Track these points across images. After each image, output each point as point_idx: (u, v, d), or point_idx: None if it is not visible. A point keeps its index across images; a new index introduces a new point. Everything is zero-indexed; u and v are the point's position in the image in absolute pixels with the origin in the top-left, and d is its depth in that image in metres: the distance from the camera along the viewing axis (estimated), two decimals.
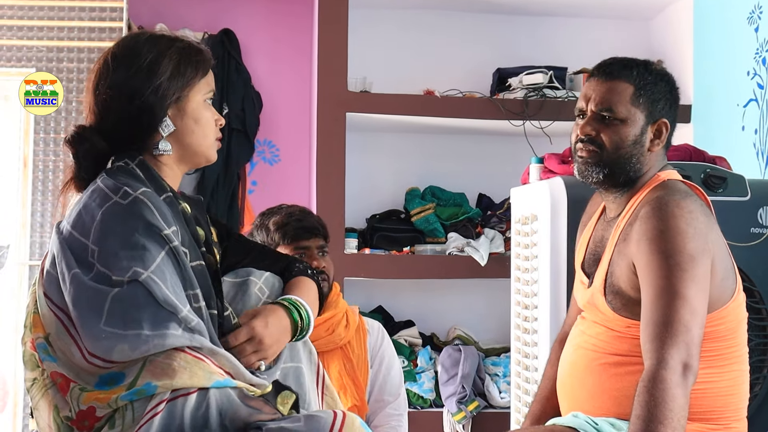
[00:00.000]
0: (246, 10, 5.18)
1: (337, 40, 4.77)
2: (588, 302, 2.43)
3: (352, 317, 3.10)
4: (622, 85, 2.38)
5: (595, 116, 2.39)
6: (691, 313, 2.14)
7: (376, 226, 4.96)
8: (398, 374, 3.21)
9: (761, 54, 4.27)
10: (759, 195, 3.26)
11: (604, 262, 2.38)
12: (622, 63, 2.42)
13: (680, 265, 2.17)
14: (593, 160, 2.39)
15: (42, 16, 4.43)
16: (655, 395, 2.05)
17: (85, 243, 1.85)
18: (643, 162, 2.40)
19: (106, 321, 1.78)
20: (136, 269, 1.80)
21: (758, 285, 3.16)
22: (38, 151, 4.42)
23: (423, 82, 5.03)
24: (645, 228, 2.24)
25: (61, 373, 1.84)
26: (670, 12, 5.19)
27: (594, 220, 2.56)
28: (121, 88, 1.94)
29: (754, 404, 3.09)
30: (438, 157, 5.27)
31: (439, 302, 5.23)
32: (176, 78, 1.97)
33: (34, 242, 4.38)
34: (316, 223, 3.04)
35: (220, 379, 1.82)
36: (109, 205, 1.86)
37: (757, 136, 4.26)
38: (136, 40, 2.00)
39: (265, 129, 5.20)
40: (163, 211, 1.89)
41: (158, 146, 1.98)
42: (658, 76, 2.41)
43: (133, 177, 1.93)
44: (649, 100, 2.38)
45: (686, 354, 2.10)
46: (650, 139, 2.40)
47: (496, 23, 5.32)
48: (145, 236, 1.83)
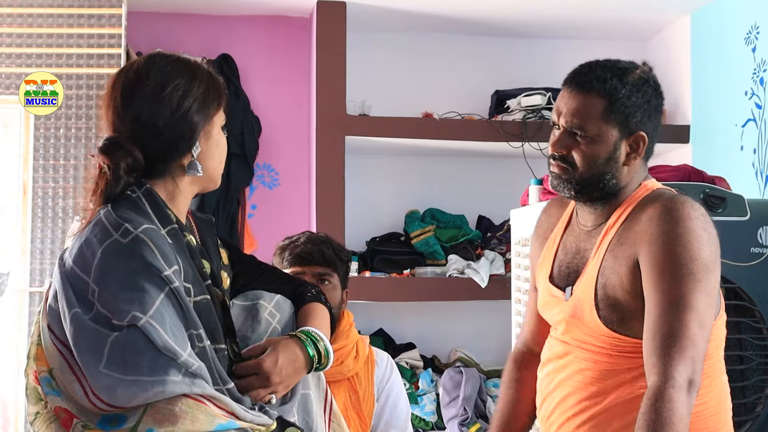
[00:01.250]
0: (244, 34, 5.19)
1: (335, 64, 4.79)
2: (570, 317, 2.32)
3: (362, 348, 3.08)
4: (593, 100, 2.24)
5: (567, 132, 2.28)
6: (700, 326, 2.08)
7: (376, 249, 4.96)
8: (405, 407, 3.20)
9: (759, 74, 4.28)
10: (758, 215, 3.26)
11: (590, 273, 2.27)
12: (595, 74, 2.26)
13: (695, 274, 2.10)
14: (565, 177, 2.29)
15: (41, 44, 4.45)
16: (662, 414, 1.99)
17: (86, 280, 1.83)
18: (619, 177, 2.27)
19: (106, 364, 1.76)
20: (134, 313, 1.77)
21: (758, 305, 3.16)
22: (38, 178, 4.43)
23: (422, 105, 5.04)
24: (658, 229, 2.15)
25: (65, 408, 1.83)
26: (668, 33, 5.21)
27: (560, 230, 2.45)
28: (153, 118, 1.92)
29: (756, 425, 3.08)
30: (437, 179, 5.28)
31: (440, 324, 5.22)
32: (207, 101, 1.96)
33: (34, 269, 4.38)
34: (316, 250, 3.02)
35: (223, 422, 1.80)
36: (109, 243, 1.83)
37: (756, 155, 4.27)
38: (162, 67, 1.96)
39: (264, 153, 5.21)
40: (164, 249, 1.86)
41: (194, 168, 1.95)
42: (635, 86, 2.26)
43: (136, 209, 1.90)
44: (622, 115, 2.24)
45: (692, 370, 2.04)
46: (626, 153, 2.27)
47: (494, 45, 5.34)
48: (144, 278, 1.81)
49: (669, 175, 3.39)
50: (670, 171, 3.43)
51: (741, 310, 3.17)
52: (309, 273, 2.98)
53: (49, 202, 4.42)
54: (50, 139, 4.44)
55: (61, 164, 4.44)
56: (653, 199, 2.25)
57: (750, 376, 3.14)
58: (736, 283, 3.14)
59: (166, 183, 1.96)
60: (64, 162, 4.43)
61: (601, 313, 2.23)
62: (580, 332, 2.29)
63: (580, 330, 2.29)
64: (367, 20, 5.02)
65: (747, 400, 3.12)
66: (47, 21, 4.47)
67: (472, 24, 5.14)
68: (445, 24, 5.16)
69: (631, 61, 2.36)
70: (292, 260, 2.99)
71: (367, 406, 3.06)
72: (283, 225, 4.90)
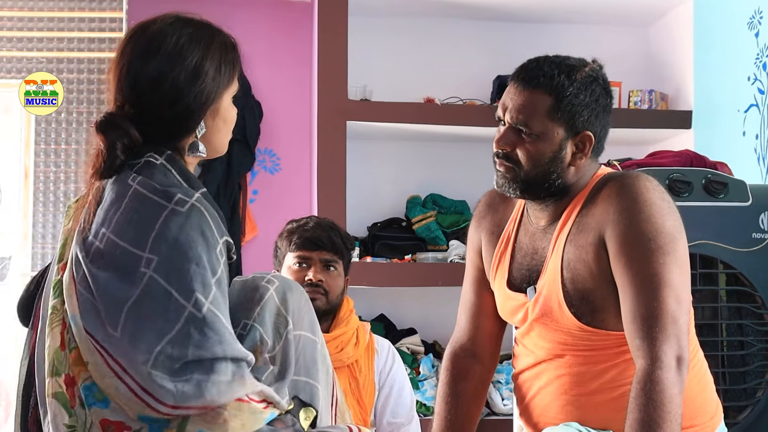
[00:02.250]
0: (245, 18, 5.18)
1: (336, 49, 4.77)
2: (539, 316, 2.24)
3: (363, 335, 3.08)
4: (539, 96, 2.18)
5: (512, 129, 2.22)
6: (677, 302, 2.06)
7: (377, 235, 4.96)
8: (410, 396, 3.19)
9: (762, 59, 4.27)
10: (760, 200, 3.25)
11: (552, 269, 2.21)
12: (543, 70, 2.20)
13: (663, 248, 2.07)
14: (510, 176, 2.22)
15: (42, 27, 4.44)
16: (653, 398, 1.98)
17: (137, 254, 1.74)
18: (565, 177, 2.21)
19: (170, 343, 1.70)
20: (198, 296, 1.71)
21: (760, 290, 3.15)
22: (39, 162, 4.43)
23: (423, 90, 5.03)
24: (618, 207, 2.11)
25: (113, 420, 1.72)
26: (670, 18, 5.19)
27: (511, 230, 2.38)
28: (161, 88, 1.84)
29: (756, 410, 3.08)
30: (439, 164, 5.27)
31: (441, 310, 5.20)
32: (216, 80, 1.89)
33: (35, 253, 4.39)
34: (325, 236, 3.01)
35: (266, 415, 1.77)
36: (167, 214, 1.76)
37: (758, 141, 4.26)
38: (179, 33, 1.87)
39: (266, 138, 5.20)
40: (217, 217, 1.80)
41: (195, 148, 1.89)
42: (582, 85, 2.19)
43: (167, 175, 1.83)
44: (568, 114, 2.17)
45: (677, 347, 2.03)
46: (571, 152, 2.20)
47: (496, 30, 5.32)
48: (204, 251, 1.75)
49: (671, 160, 3.38)
50: (671, 156, 3.43)
51: (742, 295, 3.17)
52: (316, 258, 2.98)
53: (51, 187, 4.43)
54: (51, 123, 4.44)
55: (62, 149, 4.44)
56: (605, 182, 2.21)
57: (751, 361, 3.14)
58: (737, 269, 3.14)
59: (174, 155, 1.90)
60: (65, 146, 4.44)
61: (573, 308, 2.18)
62: (552, 332, 2.24)
63: (550, 330, 2.24)
64: (368, 5, 5.00)
65: (748, 385, 3.12)
66: (48, 5, 4.47)
67: (474, 8, 5.13)
68: (446, 9, 5.14)
69: (580, 58, 2.29)
70: (301, 244, 2.99)
71: (367, 394, 3.06)
72: (284, 210, 4.90)
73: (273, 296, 1.94)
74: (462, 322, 2.52)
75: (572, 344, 2.22)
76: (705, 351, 2.39)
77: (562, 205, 2.25)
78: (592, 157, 2.24)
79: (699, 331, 3.10)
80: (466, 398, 2.46)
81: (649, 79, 5.21)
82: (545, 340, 2.27)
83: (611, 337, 2.18)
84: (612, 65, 5.52)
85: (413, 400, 3.19)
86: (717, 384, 2.46)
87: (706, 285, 3.15)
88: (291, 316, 1.95)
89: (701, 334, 3.10)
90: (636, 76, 5.19)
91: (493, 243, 2.42)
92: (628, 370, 2.16)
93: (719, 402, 2.33)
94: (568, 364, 2.23)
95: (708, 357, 2.40)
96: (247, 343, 1.85)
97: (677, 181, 3.16)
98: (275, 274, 2.01)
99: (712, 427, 2.28)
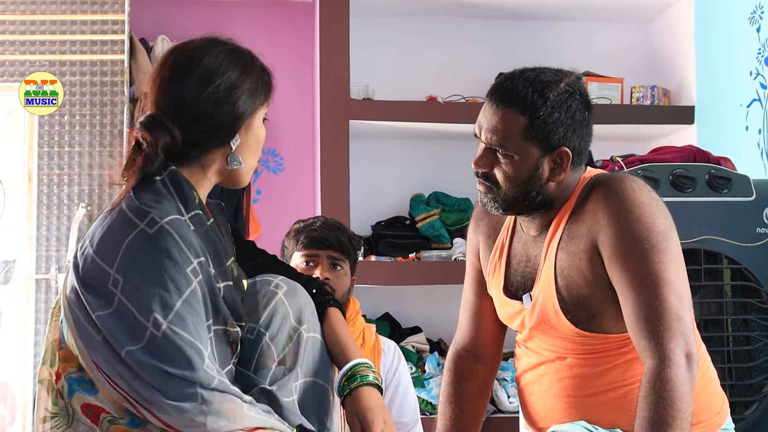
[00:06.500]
0: (247, 19, 5.18)
1: (338, 48, 4.77)
2: (537, 324, 2.24)
3: (369, 336, 3.09)
4: (513, 116, 2.16)
5: (488, 149, 2.21)
6: (679, 299, 2.05)
7: (381, 233, 4.96)
8: (414, 398, 3.21)
9: (763, 54, 4.27)
10: (764, 195, 3.26)
11: (546, 277, 2.21)
12: (517, 89, 2.18)
13: (656, 246, 2.06)
14: (491, 196, 2.22)
15: (44, 30, 4.44)
16: (663, 396, 1.97)
17: (107, 271, 1.80)
18: (546, 193, 2.19)
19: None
20: (156, 316, 1.76)
21: (765, 285, 3.16)
22: (43, 165, 4.43)
23: (425, 88, 5.03)
24: (608, 211, 2.10)
25: (95, 405, 1.82)
26: (671, 13, 5.19)
27: (506, 238, 2.36)
28: (202, 95, 1.90)
29: (762, 405, 3.08)
30: (442, 162, 5.27)
31: (446, 308, 5.21)
32: (253, 96, 1.95)
33: (40, 256, 4.39)
34: (332, 235, 3.02)
35: None
36: (135, 234, 1.80)
37: (761, 135, 4.26)
38: (220, 48, 1.98)
39: (269, 138, 5.12)
40: (190, 239, 1.83)
41: (235, 160, 1.94)
42: (557, 102, 2.16)
43: (158, 193, 1.87)
44: (542, 133, 2.14)
45: (684, 344, 2.01)
46: (549, 169, 2.18)
47: (498, 28, 5.32)
48: (169, 272, 1.78)
49: (674, 156, 3.38)
50: (674, 152, 3.43)
51: (747, 290, 3.17)
52: (324, 256, 2.99)
53: (55, 189, 4.43)
54: (55, 126, 4.44)
55: (66, 151, 4.44)
56: (591, 187, 2.19)
57: (756, 356, 3.14)
58: (742, 264, 3.14)
59: (192, 170, 1.93)
60: (69, 149, 4.43)
61: (569, 315, 2.18)
62: (551, 338, 2.24)
63: (550, 336, 2.24)
64: (370, 3, 5.00)
65: (754, 380, 3.12)
66: (50, 8, 4.47)
67: (476, 6, 5.13)
68: (448, 7, 5.14)
69: (558, 69, 2.27)
70: (308, 243, 3.00)
71: None
72: (288, 210, 4.90)
73: (282, 301, 1.99)
74: (463, 322, 2.52)
75: (572, 348, 2.22)
76: (710, 347, 2.39)
77: (550, 215, 2.24)
78: (574, 168, 2.22)
79: (704, 326, 3.11)
80: (469, 398, 2.47)
81: (651, 75, 5.21)
82: (546, 344, 2.27)
83: (610, 340, 2.18)
84: (614, 62, 5.57)
85: (417, 403, 3.20)
86: (723, 380, 2.46)
87: (711, 280, 3.15)
88: (300, 319, 2.00)
89: (706, 330, 3.11)
90: (638, 73, 5.19)
91: (489, 246, 2.42)
92: (629, 370, 2.17)
93: (725, 397, 2.33)
94: (569, 366, 2.23)
95: (713, 353, 2.40)
96: (252, 348, 1.91)
97: (681, 176, 3.16)
98: (282, 278, 2.03)
99: (719, 423, 2.28)
